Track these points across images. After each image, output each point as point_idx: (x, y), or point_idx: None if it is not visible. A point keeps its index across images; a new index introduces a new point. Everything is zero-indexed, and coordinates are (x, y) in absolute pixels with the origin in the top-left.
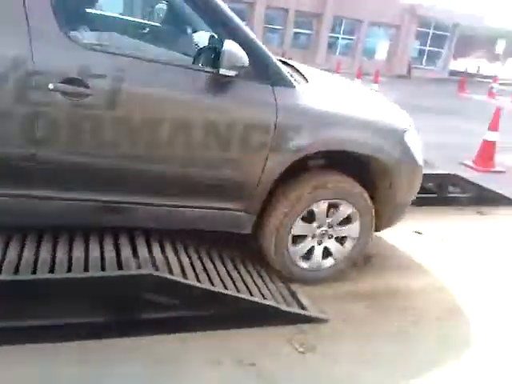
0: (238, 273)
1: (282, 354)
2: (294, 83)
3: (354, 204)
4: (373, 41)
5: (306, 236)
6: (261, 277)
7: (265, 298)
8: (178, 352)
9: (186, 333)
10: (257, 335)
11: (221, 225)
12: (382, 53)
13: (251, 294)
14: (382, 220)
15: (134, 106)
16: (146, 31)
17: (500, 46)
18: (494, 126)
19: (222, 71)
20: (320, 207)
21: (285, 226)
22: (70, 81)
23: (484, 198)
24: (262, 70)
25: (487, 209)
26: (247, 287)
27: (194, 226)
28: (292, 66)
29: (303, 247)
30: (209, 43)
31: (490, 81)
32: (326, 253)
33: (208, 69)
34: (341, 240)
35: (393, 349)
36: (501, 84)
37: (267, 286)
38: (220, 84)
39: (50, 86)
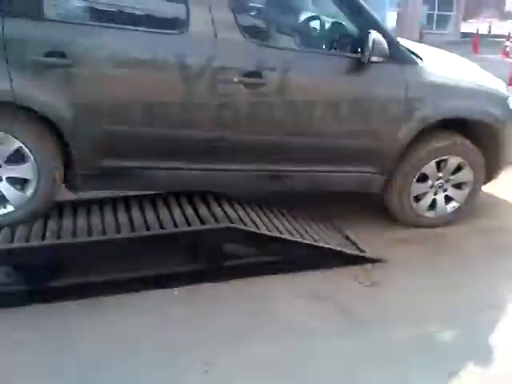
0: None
1: (352, 288)
2: (417, 61)
3: (463, 156)
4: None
5: (425, 192)
6: (324, 230)
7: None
8: (264, 291)
9: (266, 276)
10: (327, 275)
11: (356, 186)
12: (391, 22)
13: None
14: (489, 173)
15: (296, 91)
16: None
17: (510, 4)
18: None
19: (373, 58)
20: (431, 166)
21: (406, 185)
22: (249, 74)
23: None
24: (393, 52)
25: None
26: (312, 236)
27: (335, 188)
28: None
29: (425, 202)
30: (336, 32)
31: (503, 40)
32: (448, 199)
33: (354, 55)
34: (458, 186)
35: (455, 279)
36: None
37: (329, 236)
38: (362, 67)
39: (235, 79)
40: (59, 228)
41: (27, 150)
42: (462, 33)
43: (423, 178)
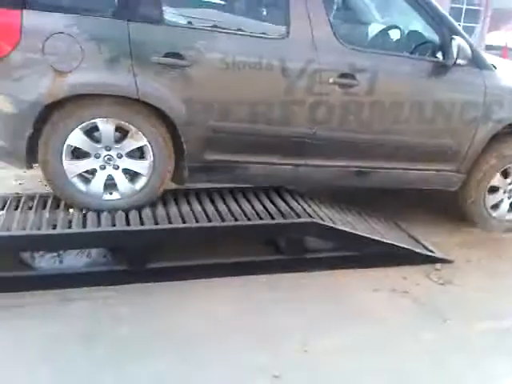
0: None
1: (426, 285)
2: (493, 67)
3: None
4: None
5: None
6: (392, 228)
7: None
8: (342, 283)
9: (343, 270)
10: (400, 272)
11: (435, 184)
12: None
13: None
14: None
15: (385, 92)
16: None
17: None
18: None
19: (459, 61)
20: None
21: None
22: (343, 75)
23: None
24: (474, 57)
25: None
26: (382, 235)
27: (414, 186)
28: None
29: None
30: (416, 38)
31: None
32: None
33: (438, 59)
34: None
35: None
36: None
37: (397, 235)
38: (446, 70)
39: (330, 80)
40: (154, 215)
41: (150, 149)
42: (487, 45)
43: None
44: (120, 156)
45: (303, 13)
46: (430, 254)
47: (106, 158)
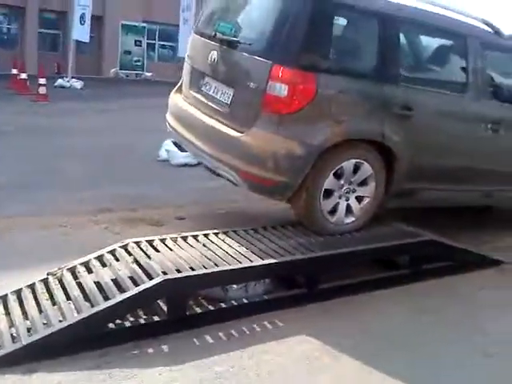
0: None
1: None
2: None
3: None
4: None
5: None
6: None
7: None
8: (455, 287)
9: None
10: (483, 274)
11: None
12: None
13: None
14: None
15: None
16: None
17: None
18: None
19: None
20: None
21: None
22: (495, 122)
23: None
24: None
25: None
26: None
27: None
28: None
29: None
30: None
31: None
32: None
33: None
34: None
35: None
36: None
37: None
38: None
39: (488, 126)
40: (309, 243)
41: (374, 177)
42: None
43: None
44: (353, 187)
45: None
46: (500, 258)
47: (345, 191)
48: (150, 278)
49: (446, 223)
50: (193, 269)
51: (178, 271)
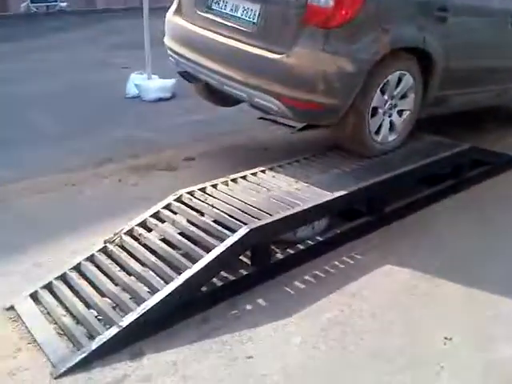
0: None
1: None
2: None
3: None
4: None
5: None
6: None
7: None
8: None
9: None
10: None
11: None
12: None
13: None
14: None
15: None
16: None
17: None
18: None
19: None
20: None
21: None
22: None
23: None
24: None
25: None
26: None
27: None
28: None
29: None
30: None
31: None
32: None
33: None
34: None
35: None
36: None
37: None
38: None
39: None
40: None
41: (413, 88)
42: None
43: None
44: (395, 101)
45: None
46: None
47: (388, 107)
48: (229, 229)
49: (451, 131)
50: (268, 213)
51: (257, 219)
